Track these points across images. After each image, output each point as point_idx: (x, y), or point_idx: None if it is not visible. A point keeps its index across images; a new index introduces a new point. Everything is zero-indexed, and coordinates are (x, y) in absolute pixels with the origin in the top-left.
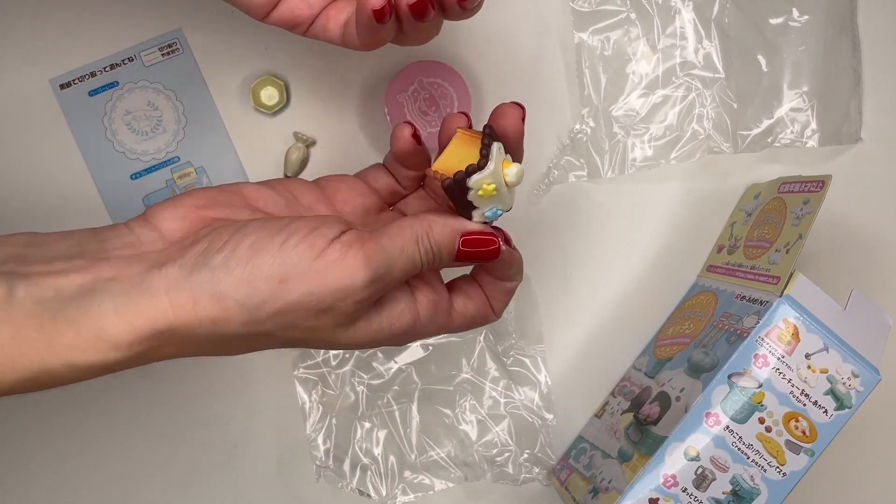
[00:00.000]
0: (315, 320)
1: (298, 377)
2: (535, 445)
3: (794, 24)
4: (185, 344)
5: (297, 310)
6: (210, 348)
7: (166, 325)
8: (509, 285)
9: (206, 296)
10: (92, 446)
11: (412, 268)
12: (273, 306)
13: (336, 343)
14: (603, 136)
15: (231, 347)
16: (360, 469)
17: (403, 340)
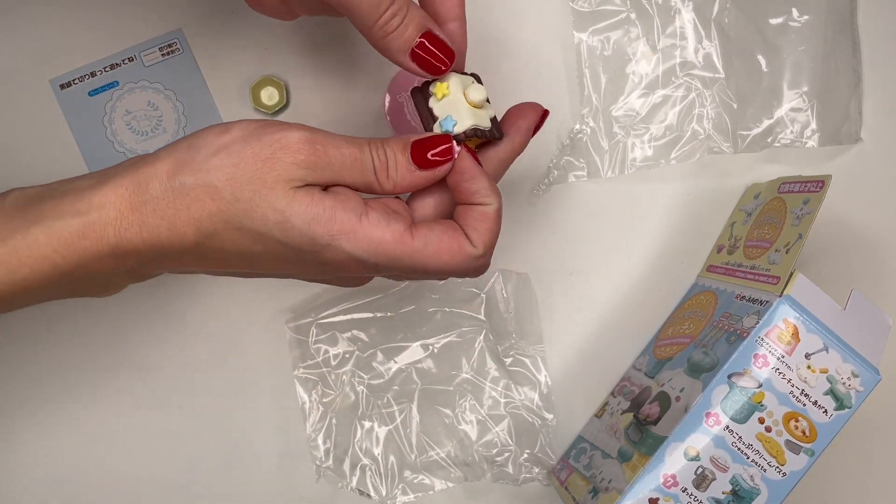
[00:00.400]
0: (257, 165)
1: (298, 377)
2: (535, 445)
3: (794, 24)
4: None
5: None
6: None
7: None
8: (482, 209)
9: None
10: (93, 442)
11: (361, 166)
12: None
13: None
14: (603, 136)
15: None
16: (360, 469)
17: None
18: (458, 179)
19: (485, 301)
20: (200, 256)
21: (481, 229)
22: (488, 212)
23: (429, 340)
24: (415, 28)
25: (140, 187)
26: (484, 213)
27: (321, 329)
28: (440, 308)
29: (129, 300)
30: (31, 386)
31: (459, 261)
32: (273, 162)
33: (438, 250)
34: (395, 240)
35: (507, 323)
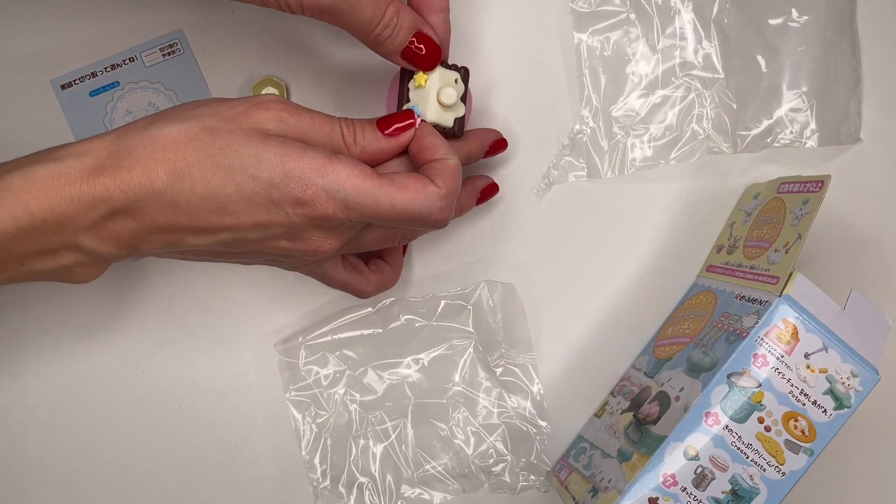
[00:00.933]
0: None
1: (290, 400)
2: (530, 453)
3: (794, 24)
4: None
5: (220, 108)
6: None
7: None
8: (443, 161)
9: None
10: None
11: (329, 130)
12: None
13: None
14: (603, 137)
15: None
16: (358, 488)
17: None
18: (420, 145)
19: (472, 312)
20: (171, 203)
21: (443, 175)
22: (449, 163)
23: (419, 355)
24: (405, 32)
25: (119, 137)
26: (445, 164)
27: (310, 350)
28: (428, 322)
29: (129, 302)
30: (31, 386)
31: (424, 197)
32: (248, 114)
33: (405, 185)
34: (363, 174)
35: (496, 333)
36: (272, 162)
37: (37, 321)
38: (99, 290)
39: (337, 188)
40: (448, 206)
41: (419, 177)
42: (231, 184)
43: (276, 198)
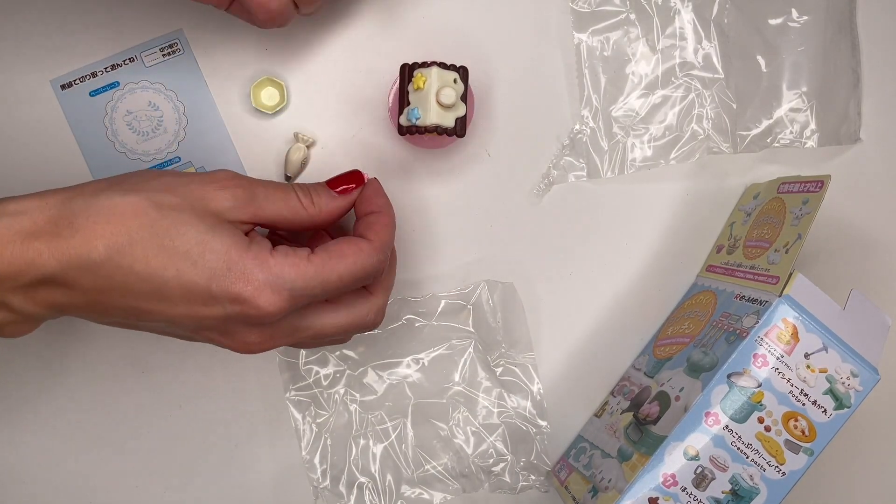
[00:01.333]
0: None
1: (290, 399)
2: (530, 453)
3: (794, 24)
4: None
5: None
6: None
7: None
8: (376, 215)
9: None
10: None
11: (284, 195)
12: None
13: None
14: (602, 137)
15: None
16: (358, 488)
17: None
18: (361, 199)
19: (472, 312)
20: (106, 277)
21: (376, 228)
22: (381, 217)
23: (419, 355)
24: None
25: (65, 202)
26: (377, 216)
27: (310, 350)
28: (428, 322)
29: None
30: (31, 387)
31: (362, 257)
32: (202, 193)
33: (340, 252)
34: (304, 258)
35: (496, 333)
36: (217, 252)
37: None
38: None
39: (282, 280)
40: (381, 262)
41: (350, 239)
42: (172, 268)
43: (216, 292)
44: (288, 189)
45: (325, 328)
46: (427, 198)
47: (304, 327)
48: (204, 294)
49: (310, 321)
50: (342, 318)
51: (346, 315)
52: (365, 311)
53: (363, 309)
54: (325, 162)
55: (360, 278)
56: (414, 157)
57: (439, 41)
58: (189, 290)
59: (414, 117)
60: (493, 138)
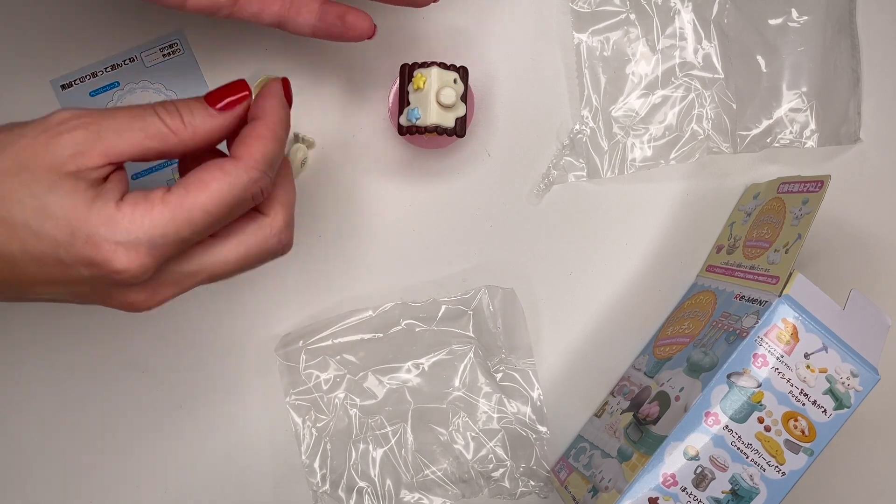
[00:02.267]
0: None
1: (290, 403)
2: (530, 459)
3: (794, 24)
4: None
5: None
6: None
7: None
8: (251, 125)
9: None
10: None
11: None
12: None
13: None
14: (602, 137)
15: None
16: (357, 492)
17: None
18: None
19: (472, 318)
20: None
21: (247, 142)
22: (255, 126)
23: (419, 360)
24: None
25: None
26: (251, 125)
27: (311, 354)
28: (428, 327)
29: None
30: (31, 387)
31: (229, 182)
32: (34, 147)
33: (201, 181)
34: (156, 202)
35: (496, 338)
36: (56, 218)
37: (37, 321)
38: None
39: (134, 235)
40: (255, 180)
41: (212, 163)
42: (15, 242)
43: (66, 259)
44: (147, 113)
45: (218, 267)
46: (427, 198)
47: (193, 272)
48: (56, 263)
49: (197, 264)
50: (234, 252)
51: (237, 247)
52: (263, 237)
53: (260, 235)
54: (325, 162)
55: (235, 206)
56: (414, 157)
57: (439, 41)
58: (40, 261)
59: (414, 117)
60: (493, 138)
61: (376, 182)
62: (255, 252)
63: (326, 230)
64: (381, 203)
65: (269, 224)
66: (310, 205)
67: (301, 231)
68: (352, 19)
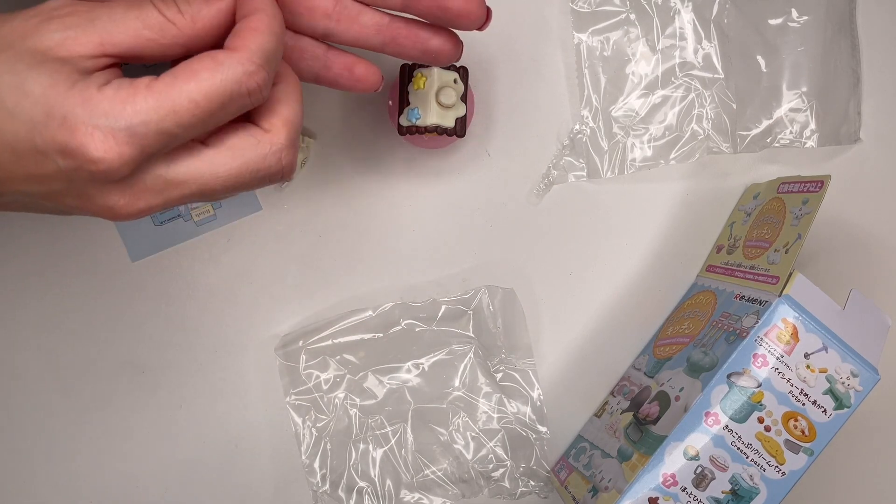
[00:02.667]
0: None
1: (290, 403)
2: (530, 459)
3: (794, 24)
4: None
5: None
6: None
7: None
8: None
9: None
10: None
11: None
12: None
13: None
14: (602, 137)
15: None
16: (357, 492)
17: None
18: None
19: (472, 318)
20: None
21: (242, 34)
22: (251, 20)
23: (419, 360)
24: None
25: None
26: (247, 20)
27: (311, 354)
28: (428, 327)
29: (129, 302)
30: (31, 387)
31: (221, 71)
32: (23, 29)
33: (190, 69)
34: (141, 87)
35: (496, 338)
36: (35, 96)
37: (37, 321)
38: (99, 289)
39: (114, 118)
40: (252, 70)
41: (205, 53)
42: None
43: (41, 145)
44: (144, 4)
45: (208, 180)
46: (427, 198)
47: (179, 181)
48: (30, 150)
49: (184, 172)
50: (228, 164)
51: (231, 159)
52: (261, 154)
53: (259, 150)
54: (325, 162)
55: (226, 101)
56: (414, 157)
57: None
58: (14, 147)
59: (414, 117)
60: (493, 138)
61: (376, 182)
62: (252, 168)
63: (326, 230)
64: (381, 203)
65: (270, 140)
66: (310, 204)
67: (301, 231)
68: (361, 72)
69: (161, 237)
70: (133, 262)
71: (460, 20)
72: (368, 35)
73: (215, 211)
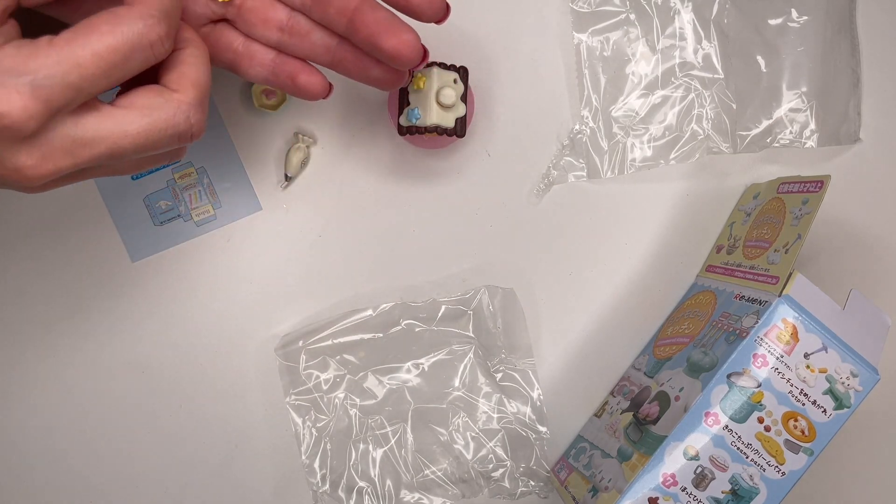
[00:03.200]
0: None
1: (290, 404)
2: (530, 459)
3: (793, 24)
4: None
5: None
6: None
7: None
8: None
9: None
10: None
11: None
12: None
13: None
14: (602, 137)
15: None
16: (357, 492)
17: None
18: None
19: (472, 317)
20: None
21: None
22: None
23: (419, 360)
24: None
25: None
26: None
27: (311, 354)
28: (428, 327)
29: (129, 302)
30: (31, 386)
31: (121, 25)
32: None
33: (91, 25)
34: (39, 47)
35: (496, 338)
36: None
37: (37, 321)
38: (99, 289)
39: (16, 75)
40: (152, 24)
41: (106, 10)
42: None
43: None
44: None
45: (117, 138)
46: (427, 198)
47: (89, 139)
48: None
49: (93, 130)
50: (137, 123)
51: (140, 117)
52: (170, 112)
53: (167, 109)
54: (325, 162)
55: (128, 53)
56: (414, 157)
57: (439, 41)
58: None
59: (414, 117)
60: (493, 138)
61: (376, 182)
62: (161, 126)
63: (326, 230)
64: (381, 203)
65: (178, 99)
66: (310, 205)
67: (301, 231)
68: (303, 81)
69: (161, 237)
70: (133, 262)
71: (420, 12)
72: (318, 53)
73: (215, 211)
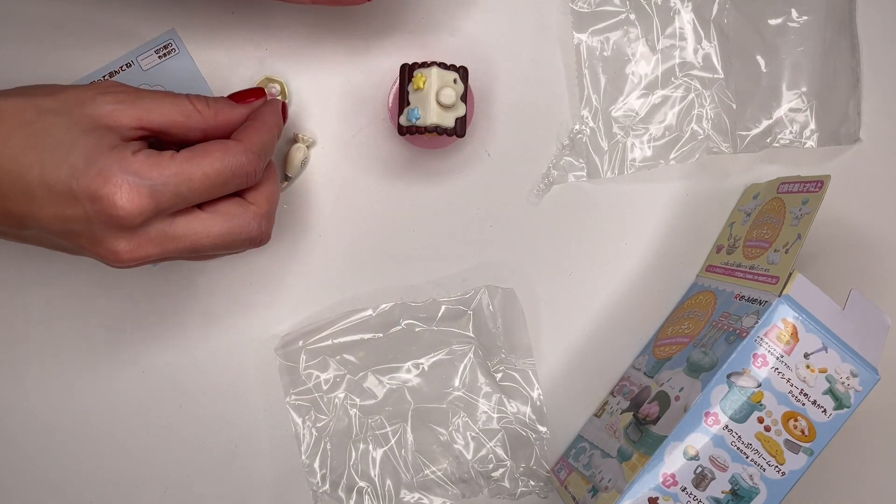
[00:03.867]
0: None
1: (290, 404)
2: (530, 459)
3: (793, 24)
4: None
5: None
6: None
7: None
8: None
9: None
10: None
11: (174, 98)
12: None
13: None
14: (602, 137)
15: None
16: (357, 492)
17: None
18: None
19: (472, 317)
20: None
21: (248, 130)
22: (254, 122)
23: (419, 360)
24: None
25: None
26: (251, 121)
27: (311, 354)
28: (428, 327)
29: (129, 302)
30: (31, 386)
31: (229, 155)
32: (82, 97)
33: (205, 150)
34: (165, 157)
35: (496, 338)
36: (80, 150)
37: (37, 321)
38: (99, 289)
39: (141, 178)
40: (252, 159)
41: (216, 140)
42: (37, 165)
43: (76, 189)
44: (180, 95)
45: (201, 237)
46: (427, 198)
47: (178, 236)
48: (65, 192)
49: (182, 228)
50: (218, 226)
51: (222, 223)
52: (245, 221)
53: (243, 218)
54: (325, 162)
55: (229, 178)
56: (414, 157)
57: (439, 41)
58: (51, 187)
59: (414, 117)
60: (493, 138)
61: (376, 182)
62: (237, 232)
63: (326, 230)
64: (380, 203)
65: (254, 210)
66: (310, 205)
67: (301, 231)
68: None
69: None
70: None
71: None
72: None
73: None
